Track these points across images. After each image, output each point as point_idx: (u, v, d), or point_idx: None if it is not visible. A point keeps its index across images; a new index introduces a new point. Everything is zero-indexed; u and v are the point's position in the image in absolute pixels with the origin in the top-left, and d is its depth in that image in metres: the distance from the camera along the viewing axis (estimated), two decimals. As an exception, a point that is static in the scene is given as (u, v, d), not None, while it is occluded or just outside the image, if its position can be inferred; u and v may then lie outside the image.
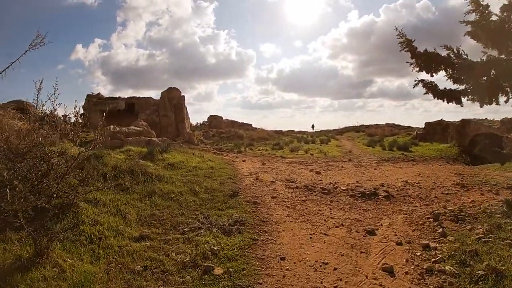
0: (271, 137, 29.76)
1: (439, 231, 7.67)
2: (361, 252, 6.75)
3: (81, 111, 31.10)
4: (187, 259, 6.08)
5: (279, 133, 36.87)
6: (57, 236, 6.36)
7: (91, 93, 30.74)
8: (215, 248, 6.46)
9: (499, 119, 20.60)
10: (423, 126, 26.80)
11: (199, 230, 7.38)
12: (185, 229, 7.47)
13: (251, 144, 24.39)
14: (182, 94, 27.86)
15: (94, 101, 29.43)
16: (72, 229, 6.98)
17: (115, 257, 6.22)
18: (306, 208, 9.56)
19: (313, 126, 49.22)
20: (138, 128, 19.81)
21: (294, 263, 6.29)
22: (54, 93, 6.95)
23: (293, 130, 45.01)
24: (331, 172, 14.49)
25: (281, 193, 10.95)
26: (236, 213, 8.60)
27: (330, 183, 12.35)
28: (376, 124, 43.19)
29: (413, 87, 9.46)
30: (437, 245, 6.92)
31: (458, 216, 8.48)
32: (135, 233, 7.17)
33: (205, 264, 5.92)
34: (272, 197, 10.42)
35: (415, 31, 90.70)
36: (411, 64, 9.44)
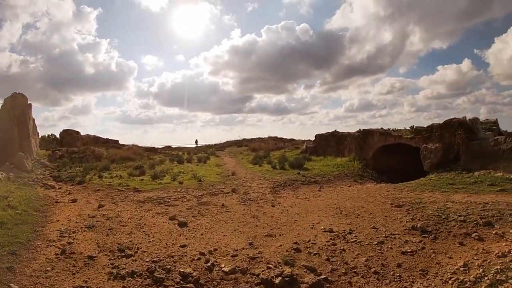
0: (138, 157, 22.93)
1: None
2: None
3: None
4: None
5: (152, 150, 29.86)
6: None
7: None
8: None
9: (404, 128, 17.63)
10: (314, 138, 23.05)
11: None
12: None
13: (105, 168, 17.26)
14: (29, 102, 19.37)
15: None
16: None
17: None
18: None
19: (196, 141, 43.57)
20: None
21: None
22: None
23: (170, 146, 38.15)
24: (204, 221, 8.50)
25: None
26: None
27: (200, 253, 6.35)
28: (259, 138, 39.19)
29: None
30: None
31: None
32: None
33: None
34: None
35: (293, 52, 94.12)
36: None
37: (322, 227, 7.47)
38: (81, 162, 19.52)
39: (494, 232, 6.51)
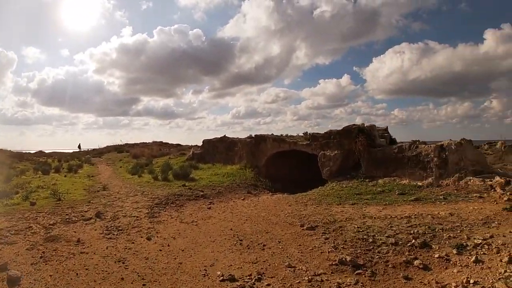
0: (-1, 166, 18.31)
1: None
2: None
3: None
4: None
5: (18, 157, 24.84)
6: None
7: None
8: None
9: (297, 134, 16.61)
10: (201, 143, 20.77)
11: None
12: None
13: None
14: None
15: None
16: None
17: None
18: None
19: (79, 146, 41.21)
20: None
21: None
22: None
23: (42, 151, 34.66)
24: (46, 274, 5.36)
25: None
26: None
27: None
28: (143, 143, 36.49)
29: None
30: None
31: None
32: None
33: None
34: None
35: (184, 55, 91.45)
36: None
37: (218, 273, 5.18)
38: None
39: (436, 256, 5.13)
